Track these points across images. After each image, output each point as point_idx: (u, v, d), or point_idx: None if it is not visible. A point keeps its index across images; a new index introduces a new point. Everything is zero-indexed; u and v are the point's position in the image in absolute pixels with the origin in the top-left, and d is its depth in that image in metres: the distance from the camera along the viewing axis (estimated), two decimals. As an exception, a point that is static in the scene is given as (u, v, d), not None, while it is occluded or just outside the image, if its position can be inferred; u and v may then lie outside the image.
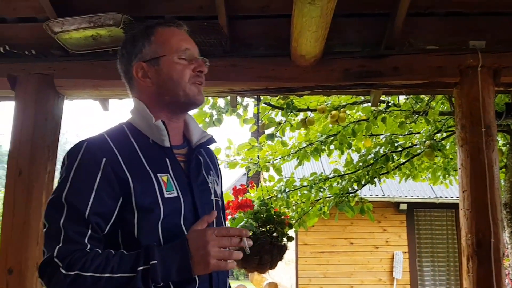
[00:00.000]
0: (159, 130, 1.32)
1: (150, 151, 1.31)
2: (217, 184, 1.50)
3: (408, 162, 4.39)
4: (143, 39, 1.37)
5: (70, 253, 1.15)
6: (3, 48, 2.59)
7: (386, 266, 10.15)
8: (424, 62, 2.56)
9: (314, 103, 3.90)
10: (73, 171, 1.22)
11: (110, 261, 1.14)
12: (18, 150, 2.53)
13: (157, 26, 1.39)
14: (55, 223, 1.18)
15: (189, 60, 1.36)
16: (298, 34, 2.21)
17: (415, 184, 9.94)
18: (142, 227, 1.23)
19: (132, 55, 1.38)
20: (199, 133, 1.46)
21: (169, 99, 1.35)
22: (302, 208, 4.32)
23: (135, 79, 1.38)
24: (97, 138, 1.29)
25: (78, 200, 1.19)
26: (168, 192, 1.27)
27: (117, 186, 1.22)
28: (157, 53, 1.35)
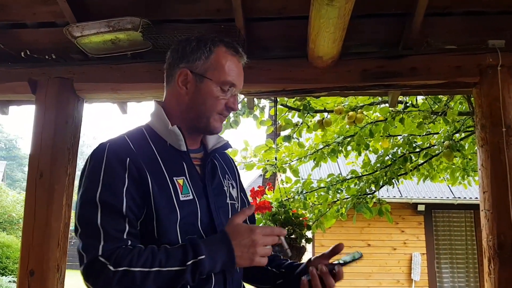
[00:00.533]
0: (176, 135, 1.34)
1: (168, 155, 1.34)
2: (233, 188, 1.51)
3: (426, 163, 4.35)
4: (203, 52, 1.37)
5: (114, 250, 1.16)
6: (23, 53, 2.64)
7: (404, 267, 10.06)
8: (443, 62, 2.53)
9: (331, 104, 3.88)
10: (102, 171, 1.24)
11: (157, 255, 1.17)
12: (39, 153, 2.57)
13: (221, 44, 1.38)
14: (92, 224, 1.20)
15: (229, 93, 1.37)
16: (316, 35, 2.20)
17: (433, 185, 9.86)
18: (161, 228, 1.25)
19: (185, 58, 1.38)
20: (215, 138, 1.48)
21: (192, 117, 1.38)
22: (319, 210, 4.31)
23: (175, 80, 1.39)
24: (118, 139, 1.32)
25: (114, 198, 1.21)
26: (183, 195, 1.29)
27: (140, 185, 1.24)
28: (206, 73, 1.35)
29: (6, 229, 14.01)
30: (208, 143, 1.47)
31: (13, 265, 10.90)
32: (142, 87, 2.65)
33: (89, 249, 1.17)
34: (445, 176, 5.12)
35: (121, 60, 2.64)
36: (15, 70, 2.68)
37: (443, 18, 2.62)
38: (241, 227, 1.23)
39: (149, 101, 2.87)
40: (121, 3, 2.49)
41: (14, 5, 2.50)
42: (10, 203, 15.01)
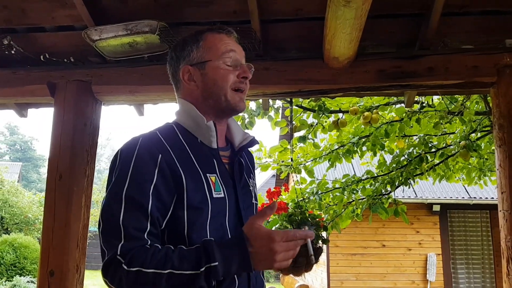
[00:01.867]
0: (210, 131, 1.35)
1: (199, 151, 1.34)
2: (255, 187, 1.52)
3: (442, 163, 4.32)
4: (192, 44, 1.41)
5: (131, 249, 1.16)
6: (43, 56, 2.68)
7: (419, 268, 9.99)
8: (460, 62, 2.52)
9: (346, 105, 3.88)
10: (131, 167, 1.23)
11: (171, 257, 1.15)
12: (58, 155, 2.60)
13: (207, 31, 1.43)
14: (114, 220, 1.20)
15: (234, 66, 1.38)
16: (332, 36, 2.20)
17: (448, 185, 9.78)
18: (192, 225, 1.24)
19: (180, 58, 1.42)
20: (241, 135, 1.49)
21: (212, 103, 1.38)
22: (334, 210, 4.30)
23: (181, 81, 1.42)
24: (150, 135, 1.31)
25: (140, 195, 1.21)
26: (216, 192, 1.29)
27: (172, 183, 1.24)
28: (203, 58, 1.38)
29: (22, 230, 14.18)
30: (234, 140, 1.47)
31: (31, 266, 11.03)
32: (159, 89, 2.67)
33: (110, 246, 1.18)
34: (460, 176, 5.07)
35: (138, 62, 2.66)
36: (35, 73, 2.72)
37: (460, 18, 2.61)
38: (260, 233, 1.17)
39: (166, 103, 2.90)
40: (138, 7, 2.52)
41: (33, 9, 2.54)
42: (26, 204, 15.17)
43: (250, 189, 1.46)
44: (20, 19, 2.58)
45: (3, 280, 10.24)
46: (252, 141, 1.48)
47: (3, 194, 14.72)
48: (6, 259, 10.90)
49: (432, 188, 10.02)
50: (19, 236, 11.87)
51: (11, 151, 49.83)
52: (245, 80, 1.40)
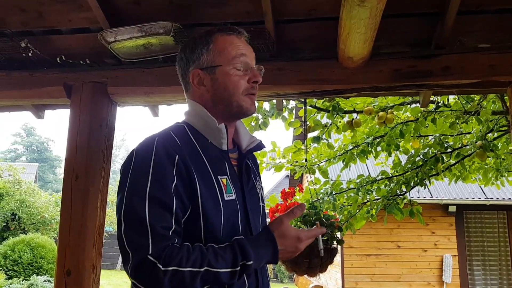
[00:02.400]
0: (221, 133, 1.35)
1: (210, 152, 1.34)
2: (262, 189, 1.53)
3: (458, 163, 4.27)
4: (202, 46, 1.39)
5: (163, 249, 1.15)
6: (59, 58, 2.71)
7: (435, 269, 9.90)
8: (476, 61, 2.49)
9: (361, 105, 3.86)
10: (151, 166, 1.22)
11: (206, 255, 1.18)
12: (74, 155, 2.63)
13: (217, 32, 1.41)
14: (139, 220, 1.18)
15: (244, 70, 1.37)
16: (346, 36, 2.19)
17: (464, 185, 9.68)
18: (208, 226, 1.25)
19: (190, 61, 1.41)
20: (248, 138, 1.49)
21: (223, 108, 1.38)
22: (349, 211, 4.28)
23: (191, 85, 1.41)
24: (165, 135, 1.30)
25: (164, 195, 1.20)
26: (227, 195, 1.30)
27: (188, 183, 1.24)
28: (214, 62, 1.37)
29: (39, 230, 14.35)
30: (241, 143, 1.47)
31: (48, 265, 11.16)
32: (173, 90, 2.68)
33: (137, 247, 1.16)
34: (477, 176, 5.02)
35: (153, 64, 2.68)
36: (51, 75, 2.75)
37: (476, 16, 2.58)
38: (289, 233, 1.26)
39: (180, 104, 2.91)
40: (153, 9, 2.53)
41: (50, 12, 2.57)
42: (43, 204, 15.35)
43: (257, 192, 1.46)
44: (37, 21, 2.61)
45: (20, 279, 10.38)
46: (259, 145, 1.49)
47: (20, 194, 14.92)
48: (24, 258, 11.05)
49: (448, 189, 9.93)
50: (36, 236, 12.02)
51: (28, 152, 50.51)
52: (256, 85, 1.40)
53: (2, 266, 10.79)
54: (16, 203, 14.58)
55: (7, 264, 10.96)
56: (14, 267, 10.96)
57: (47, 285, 9.60)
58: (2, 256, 11.12)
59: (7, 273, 10.67)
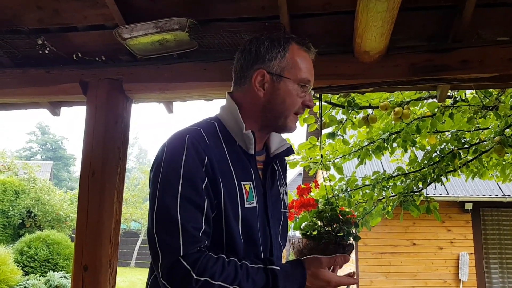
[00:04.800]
0: (248, 139, 1.33)
1: (237, 156, 1.33)
2: (286, 195, 1.53)
3: (476, 159, 4.21)
4: (277, 51, 1.36)
5: (196, 254, 1.16)
6: (75, 55, 2.72)
7: (451, 267, 9.81)
8: (495, 54, 2.45)
9: (376, 100, 3.82)
10: (182, 165, 1.21)
11: (238, 273, 1.18)
12: (90, 152, 2.64)
13: (295, 43, 1.39)
14: (171, 220, 1.17)
15: (304, 91, 1.38)
16: (363, 30, 2.17)
17: (480, 182, 9.56)
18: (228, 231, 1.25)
19: (259, 58, 1.37)
20: (278, 141, 1.47)
21: (270, 117, 1.37)
22: (364, 208, 4.25)
23: (250, 81, 1.37)
24: (195, 133, 1.29)
25: (196, 194, 1.20)
26: (248, 202, 1.29)
27: (214, 184, 1.24)
28: (283, 72, 1.35)
29: (54, 227, 14.50)
30: (271, 146, 1.45)
31: (64, 261, 11.28)
32: (188, 86, 2.68)
33: (168, 248, 1.16)
34: (494, 173, 4.94)
35: (168, 60, 2.68)
36: (67, 72, 2.77)
37: (495, 9, 2.53)
38: (323, 276, 1.30)
39: (195, 100, 2.91)
40: (168, 4, 2.53)
41: (66, 9, 2.58)
42: (58, 201, 15.51)
43: (281, 197, 1.45)
44: (53, 19, 2.62)
45: (37, 275, 10.50)
46: (289, 150, 1.47)
47: (36, 192, 15.10)
48: (40, 255, 11.17)
49: (464, 186, 9.82)
50: (52, 232, 12.15)
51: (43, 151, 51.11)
52: (307, 108, 1.41)
53: (19, 262, 10.92)
54: (32, 200, 14.76)
55: (24, 261, 11.10)
56: (31, 263, 11.09)
57: (63, 281, 9.70)
58: (18, 253, 11.27)
59: (24, 270, 10.80)
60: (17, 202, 14.77)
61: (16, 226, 14.73)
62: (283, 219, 1.45)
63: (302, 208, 2.90)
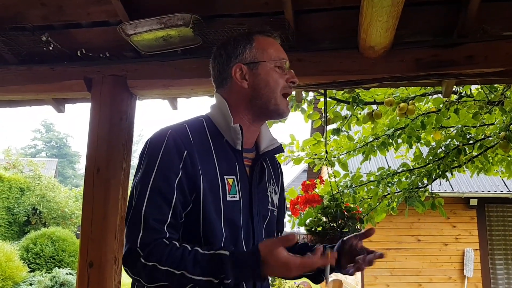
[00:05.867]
0: (235, 133, 1.36)
1: (222, 151, 1.35)
2: (276, 194, 1.52)
3: (481, 155, 4.19)
4: (244, 44, 1.43)
5: (150, 242, 1.20)
6: (79, 52, 2.72)
7: (456, 263, 9.78)
8: (500, 50, 2.44)
9: (381, 96, 3.80)
10: (159, 158, 1.27)
11: (185, 260, 1.18)
12: (95, 148, 2.65)
13: (257, 34, 1.46)
14: (137, 210, 1.24)
15: (283, 71, 1.42)
16: (368, 25, 2.16)
17: (486, 178, 9.52)
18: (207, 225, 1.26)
19: (232, 56, 1.43)
20: (268, 139, 1.49)
21: (260, 104, 1.40)
22: (369, 204, 4.24)
23: (231, 78, 1.42)
24: (179, 128, 1.33)
25: (166, 187, 1.24)
26: (231, 195, 1.31)
27: (192, 180, 1.26)
28: (257, 58, 1.41)
29: (60, 224, 14.56)
30: (261, 144, 1.48)
31: (69, 258, 11.32)
32: (192, 82, 2.68)
33: (131, 237, 1.23)
34: (499, 169, 4.92)
35: (172, 56, 2.68)
36: (71, 69, 2.77)
37: (500, 4, 2.51)
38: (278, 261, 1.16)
39: (199, 96, 2.90)
40: (171, 0, 2.53)
41: (69, 6, 2.58)
42: (63, 199, 15.58)
43: (268, 195, 1.45)
44: (57, 15, 2.62)
45: (43, 272, 10.55)
46: (278, 148, 1.49)
47: (41, 189, 15.16)
48: (45, 251, 11.22)
49: (469, 182, 9.78)
50: (57, 229, 12.20)
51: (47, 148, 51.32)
52: (293, 85, 1.43)
53: (24, 259, 10.98)
54: (37, 198, 14.83)
55: (30, 258, 11.15)
56: (36, 260, 11.14)
57: (69, 277, 9.74)
58: (24, 250, 11.32)
59: (29, 266, 10.85)
60: (22, 199, 14.84)
61: (22, 223, 14.80)
62: (269, 216, 1.45)
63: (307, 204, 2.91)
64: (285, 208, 1.65)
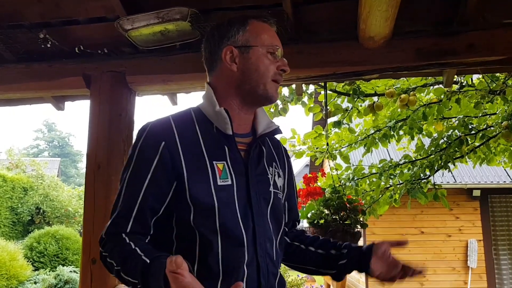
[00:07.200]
0: (222, 117, 1.34)
1: (212, 138, 1.35)
2: (279, 177, 1.48)
3: (483, 145, 4.17)
4: (238, 25, 1.40)
5: (110, 234, 1.27)
6: (77, 49, 2.71)
7: (460, 255, 9.78)
8: (502, 38, 2.41)
9: (382, 87, 3.78)
10: (136, 152, 1.31)
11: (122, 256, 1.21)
12: (96, 145, 2.64)
13: (253, 18, 1.43)
14: (115, 203, 1.30)
15: (275, 58, 1.40)
16: (367, 14, 2.14)
17: (488, 169, 9.50)
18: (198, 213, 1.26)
19: (224, 38, 1.40)
20: (265, 123, 1.47)
21: (249, 88, 1.38)
22: (371, 196, 4.23)
23: (221, 61, 1.40)
24: (161, 121, 1.35)
25: (137, 182, 1.27)
26: (222, 180, 1.29)
27: (171, 170, 1.27)
28: (249, 42, 1.38)
29: (63, 223, 14.60)
30: (258, 127, 1.46)
31: (73, 256, 11.36)
32: (191, 77, 2.67)
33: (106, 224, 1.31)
34: (502, 159, 4.90)
35: (170, 51, 2.66)
36: (70, 66, 2.76)
37: (502, -9, 2.50)
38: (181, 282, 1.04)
39: (199, 91, 2.89)
40: (169, -6, 2.51)
41: (67, 2, 2.56)
42: (66, 198, 15.61)
43: (268, 177, 1.42)
44: (54, 12, 2.60)
45: (47, 270, 10.59)
46: (275, 130, 1.47)
47: (44, 188, 15.19)
48: (49, 250, 11.26)
49: (472, 173, 9.77)
50: (61, 228, 12.24)
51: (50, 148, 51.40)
52: (283, 73, 1.42)
53: (28, 258, 11.02)
54: (40, 197, 14.86)
55: (34, 256, 11.19)
56: (40, 258, 11.18)
57: (73, 275, 9.77)
58: (28, 249, 11.36)
59: (33, 265, 10.90)
60: (25, 199, 14.87)
61: (26, 222, 14.84)
62: (273, 199, 1.40)
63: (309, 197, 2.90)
64: (295, 195, 1.62)
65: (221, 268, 1.25)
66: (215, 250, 1.25)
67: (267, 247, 1.34)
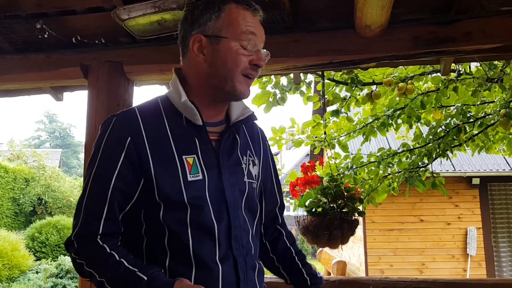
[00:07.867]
0: (189, 108, 1.26)
1: (181, 130, 1.27)
2: (254, 165, 1.40)
3: (482, 133, 4.18)
4: (212, 12, 1.28)
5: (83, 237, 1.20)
6: (74, 39, 2.70)
7: (459, 242, 9.83)
8: (499, 25, 2.41)
9: (380, 76, 3.78)
10: (101, 149, 1.23)
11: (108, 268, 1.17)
12: (94, 135, 2.63)
13: (232, 2, 1.29)
14: (80, 201, 1.23)
15: (249, 50, 1.28)
16: (363, 3, 2.14)
17: (487, 157, 9.51)
18: (167, 209, 1.21)
19: (195, 24, 1.30)
20: (240, 109, 1.38)
21: (215, 83, 1.29)
22: (370, 185, 4.25)
23: (189, 49, 1.31)
24: (127, 113, 1.27)
25: (104, 180, 1.21)
26: (192, 175, 1.23)
27: (138, 167, 1.21)
28: (220, 32, 1.26)
29: (65, 213, 14.66)
30: (232, 115, 1.37)
31: (74, 247, 11.41)
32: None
33: (73, 226, 1.23)
34: (501, 147, 4.91)
35: (167, 41, 2.65)
36: (67, 56, 2.76)
37: (498, -22, 2.49)
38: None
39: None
40: (165, -16, 2.50)
41: (63, -8, 2.56)
42: (68, 188, 15.67)
43: (242, 167, 1.35)
44: (51, 2, 2.59)
45: (48, 260, 10.66)
46: (250, 117, 1.39)
47: (46, 179, 15.24)
48: (51, 240, 11.33)
49: (471, 161, 9.78)
50: (62, 218, 12.29)
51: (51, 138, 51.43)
52: (257, 68, 1.30)
53: (30, 248, 11.09)
54: (42, 188, 14.91)
55: (35, 246, 11.26)
56: (42, 249, 11.25)
57: (75, 266, 9.83)
58: (30, 239, 11.42)
59: (35, 255, 10.97)
60: (27, 189, 14.93)
61: (28, 213, 14.91)
62: (248, 190, 1.33)
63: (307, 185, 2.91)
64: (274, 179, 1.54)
65: (193, 263, 1.21)
66: (186, 246, 1.21)
67: (243, 241, 1.29)
